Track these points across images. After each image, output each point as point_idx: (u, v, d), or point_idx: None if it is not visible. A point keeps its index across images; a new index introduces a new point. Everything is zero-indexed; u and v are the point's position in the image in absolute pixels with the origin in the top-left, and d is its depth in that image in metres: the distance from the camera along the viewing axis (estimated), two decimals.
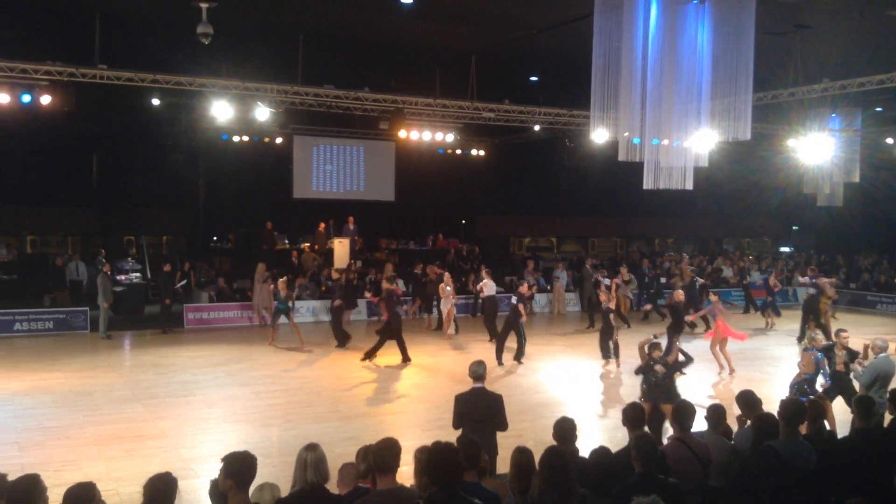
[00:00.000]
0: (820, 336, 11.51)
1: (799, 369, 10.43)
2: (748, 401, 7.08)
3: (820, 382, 10.37)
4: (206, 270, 23.91)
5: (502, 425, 7.59)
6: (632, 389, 13.75)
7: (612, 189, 28.60)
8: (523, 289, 17.03)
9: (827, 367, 10.42)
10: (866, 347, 9.92)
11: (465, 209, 31.31)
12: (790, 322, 20.79)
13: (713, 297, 16.67)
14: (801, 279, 22.45)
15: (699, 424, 6.65)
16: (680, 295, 15.71)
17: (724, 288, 26.14)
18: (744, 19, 12.41)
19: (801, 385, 9.99)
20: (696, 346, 15.96)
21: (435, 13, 16.86)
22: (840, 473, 5.71)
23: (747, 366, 15.91)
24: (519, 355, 16.26)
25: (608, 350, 15.96)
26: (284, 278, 18.64)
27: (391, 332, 16.01)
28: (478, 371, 7.71)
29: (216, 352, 17.30)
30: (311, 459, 5.06)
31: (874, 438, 6.14)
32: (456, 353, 17.52)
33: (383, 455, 4.86)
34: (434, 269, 21.12)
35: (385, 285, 16.91)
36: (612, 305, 16.08)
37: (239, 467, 4.82)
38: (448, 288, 19.07)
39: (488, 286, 19.16)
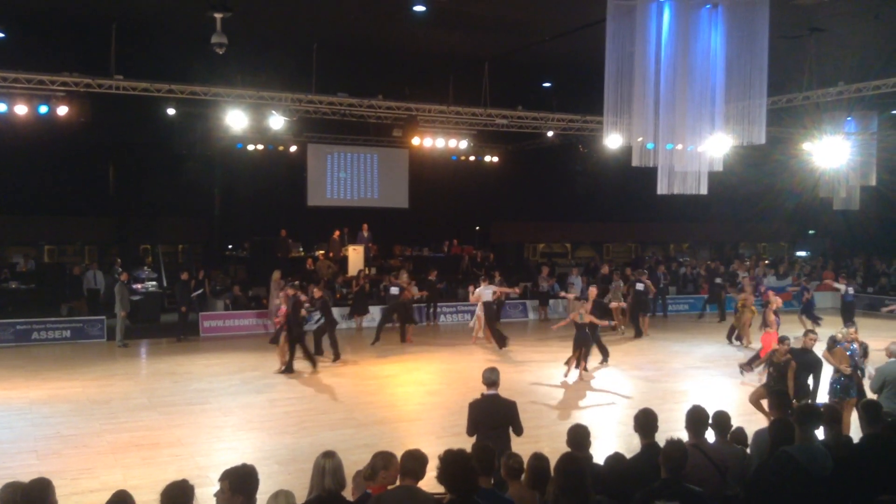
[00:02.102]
0: (852, 330, 11.58)
1: (832, 363, 10.59)
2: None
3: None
4: (221, 279, 23.99)
5: (517, 431, 7.56)
6: (646, 396, 13.70)
7: (626, 194, 28.50)
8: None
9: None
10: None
11: (479, 215, 31.27)
12: (829, 327, 20.42)
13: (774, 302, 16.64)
14: (836, 284, 22.34)
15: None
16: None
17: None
18: (757, 23, 12.33)
19: (840, 383, 10.23)
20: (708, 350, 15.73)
21: (448, 20, 16.89)
22: (857, 479, 5.64)
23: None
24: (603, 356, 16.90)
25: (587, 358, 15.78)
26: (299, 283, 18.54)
27: (294, 337, 15.88)
28: (491, 377, 7.69)
29: (232, 360, 17.36)
30: (328, 467, 5.10)
31: (890, 443, 6.04)
32: (472, 359, 17.49)
33: (413, 461, 5.02)
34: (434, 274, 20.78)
35: (289, 291, 16.30)
36: (577, 319, 15.38)
37: (243, 481, 4.77)
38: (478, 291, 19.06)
39: (484, 293, 19.19)
